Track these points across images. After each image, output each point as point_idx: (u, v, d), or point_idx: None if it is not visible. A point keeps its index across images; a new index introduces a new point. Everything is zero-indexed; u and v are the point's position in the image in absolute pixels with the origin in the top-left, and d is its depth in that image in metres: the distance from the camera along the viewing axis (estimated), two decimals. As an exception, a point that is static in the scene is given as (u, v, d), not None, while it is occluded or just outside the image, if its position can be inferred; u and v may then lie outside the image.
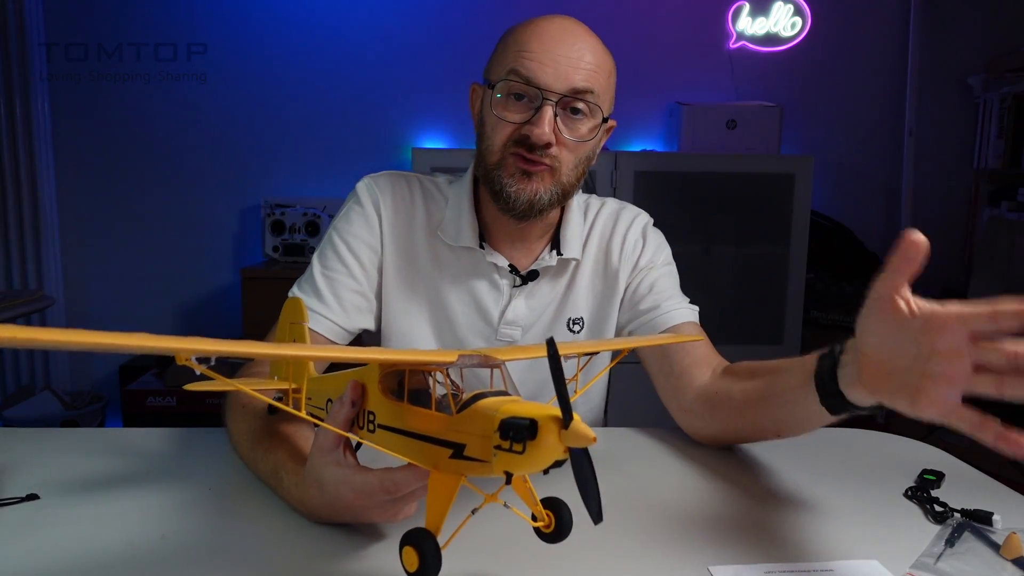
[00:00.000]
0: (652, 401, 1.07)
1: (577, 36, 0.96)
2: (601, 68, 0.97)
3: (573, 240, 1.09)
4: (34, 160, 2.81)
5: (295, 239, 2.77)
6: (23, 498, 0.79)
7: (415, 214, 1.08)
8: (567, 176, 0.99)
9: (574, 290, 1.10)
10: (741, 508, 0.81)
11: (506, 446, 0.50)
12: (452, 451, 0.54)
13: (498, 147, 0.98)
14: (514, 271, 1.07)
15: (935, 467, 0.91)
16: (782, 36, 3.02)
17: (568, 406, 0.48)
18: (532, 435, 0.49)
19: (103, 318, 3.00)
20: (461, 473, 0.55)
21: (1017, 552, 0.70)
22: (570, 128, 0.96)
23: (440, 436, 0.55)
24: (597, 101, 0.97)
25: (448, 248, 1.07)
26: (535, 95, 0.94)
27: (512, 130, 0.96)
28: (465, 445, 0.53)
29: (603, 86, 0.98)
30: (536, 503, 0.60)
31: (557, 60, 0.94)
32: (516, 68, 0.95)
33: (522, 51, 0.95)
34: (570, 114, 0.96)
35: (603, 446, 1.01)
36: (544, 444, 0.48)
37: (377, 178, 1.09)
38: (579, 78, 0.94)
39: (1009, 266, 2.56)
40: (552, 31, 0.96)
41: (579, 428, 0.47)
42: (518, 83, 0.95)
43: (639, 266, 1.11)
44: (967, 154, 3.08)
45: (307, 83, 2.93)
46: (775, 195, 2.65)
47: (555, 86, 0.94)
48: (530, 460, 0.49)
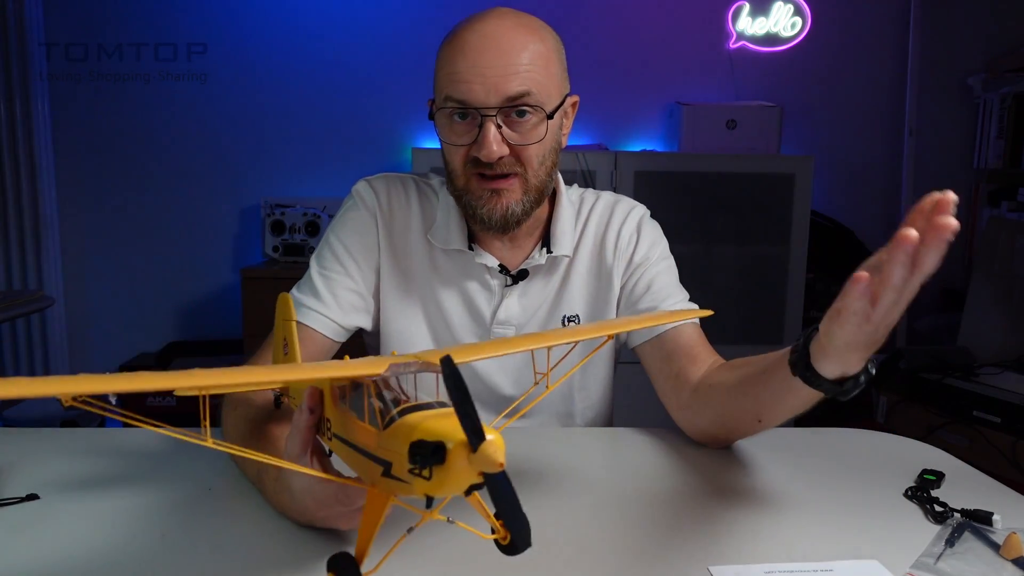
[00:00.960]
0: (653, 401, 1.07)
1: (502, 39, 0.93)
2: (535, 61, 0.94)
3: (563, 237, 1.08)
4: (34, 160, 2.81)
5: (295, 239, 2.77)
6: (23, 498, 0.79)
7: (411, 216, 1.09)
8: (536, 178, 0.98)
9: (569, 287, 1.10)
10: (741, 508, 0.81)
11: (415, 471, 0.46)
12: (382, 468, 0.50)
13: (459, 171, 0.98)
14: (504, 271, 1.07)
15: (935, 467, 0.91)
16: (782, 36, 3.02)
17: (476, 427, 0.43)
18: (440, 460, 0.45)
19: (103, 318, 3.00)
20: (391, 492, 0.52)
21: (1017, 552, 0.69)
22: (520, 133, 0.95)
23: (372, 451, 0.51)
24: (538, 100, 0.94)
25: (441, 250, 1.08)
26: (474, 115, 0.94)
27: (464, 152, 0.96)
28: (392, 463, 0.50)
29: (541, 79, 0.94)
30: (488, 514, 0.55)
31: (484, 74, 0.92)
32: (449, 94, 0.94)
33: (451, 73, 0.94)
34: (516, 118, 0.94)
35: (605, 446, 1.02)
36: (453, 469, 0.45)
37: (373, 180, 1.10)
38: (511, 85, 0.92)
39: (1009, 266, 2.56)
40: (474, 43, 0.93)
41: (487, 451, 0.43)
42: (456, 108, 0.94)
43: (634, 262, 1.11)
44: (967, 154, 3.08)
45: (307, 83, 2.93)
46: (775, 195, 2.65)
47: (489, 101, 0.92)
48: (441, 485, 0.46)
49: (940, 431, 2.22)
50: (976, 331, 2.58)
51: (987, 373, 2.32)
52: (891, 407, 2.41)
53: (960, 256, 3.12)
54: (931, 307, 3.09)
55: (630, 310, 1.10)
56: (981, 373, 2.32)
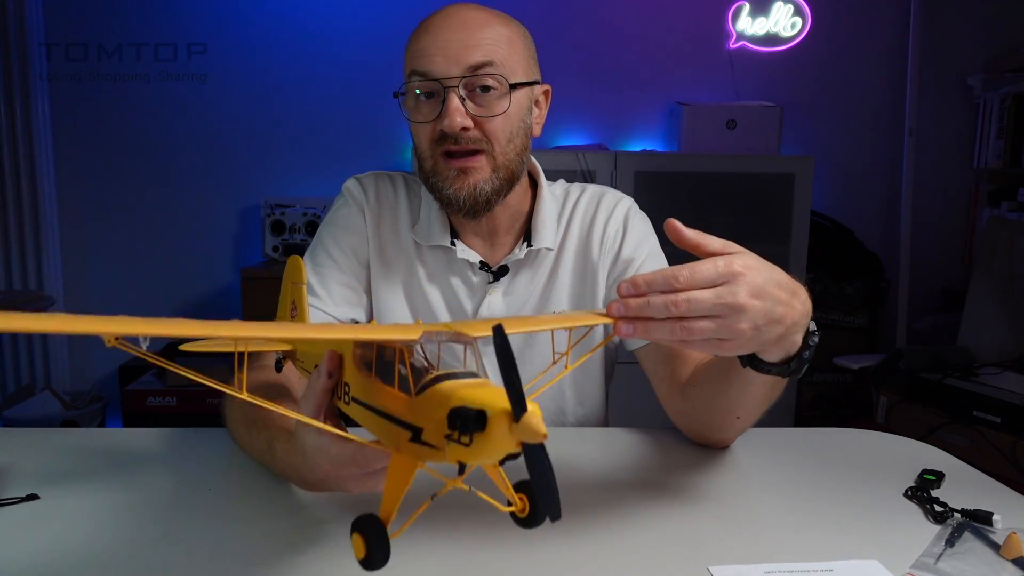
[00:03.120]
0: (652, 402, 1.07)
1: (464, 16, 0.97)
2: (499, 38, 0.97)
3: (544, 229, 1.08)
4: (34, 160, 2.81)
5: (295, 239, 2.77)
6: (23, 498, 0.79)
7: (399, 211, 1.10)
8: (503, 156, 0.98)
9: (556, 283, 1.10)
10: (741, 508, 0.81)
11: (455, 436, 0.47)
12: (411, 434, 0.51)
13: (427, 152, 0.99)
14: (485, 267, 1.08)
15: (935, 467, 0.91)
16: (782, 36, 3.02)
17: (520, 397, 0.44)
18: (480, 427, 0.45)
19: (103, 318, 3.00)
20: (419, 457, 0.52)
21: (1017, 552, 0.69)
22: (483, 106, 0.96)
23: (400, 417, 0.52)
24: (500, 71, 0.96)
25: (425, 246, 1.09)
26: (436, 88, 0.95)
27: (431, 130, 0.97)
28: (423, 429, 0.50)
29: (505, 54, 0.97)
30: (508, 487, 0.56)
31: (446, 46, 0.95)
32: (413, 68, 0.97)
33: (415, 50, 0.97)
34: (480, 92, 0.96)
35: (603, 446, 1.02)
36: (493, 437, 0.45)
37: (363, 178, 1.13)
38: (473, 55, 0.94)
39: (1009, 266, 2.56)
40: (438, 21, 0.98)
41: (531, 422, 0.44)
42: (419, 81, 0.96)
43: (621, 258, 1.10)
44: (967, 154, 3.08)
45: (307, 83, 2.93)
46: (775, 195, 2.65)
47: (451, 71, 0.94)
48: (479, 452, 0.46)
49: (940, 431, 2.22)
50: (976, 331, 2.57)
51: (987, 373, 2.32)
52: (891, 407, 2.41)
53: (960, 256, 3.12)
54: (931, 307, 3.09)
55: None
56: (981, 373, 2.32)
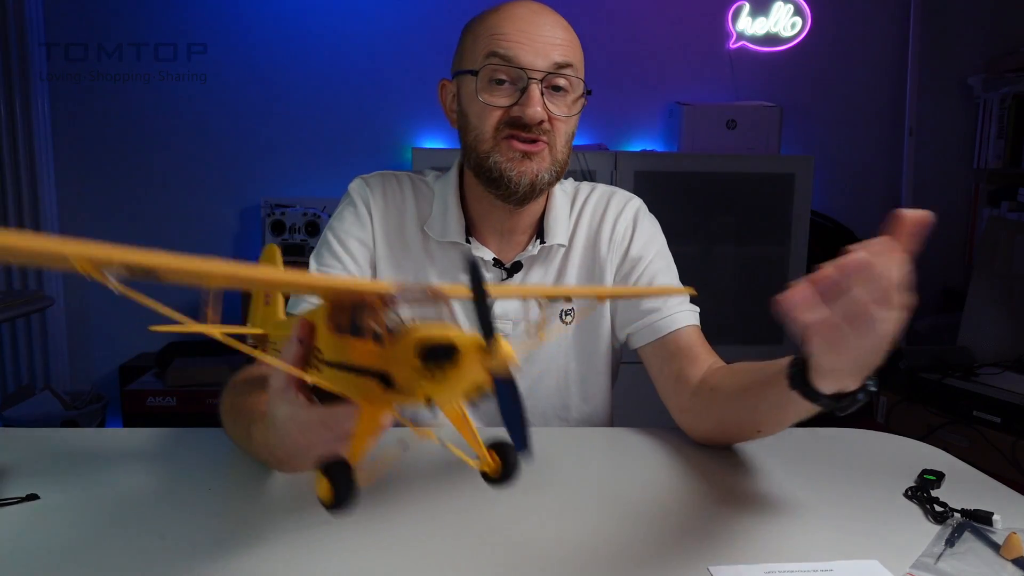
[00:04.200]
0: (653, 401, 1.07)
1: (547, 14, 0.99)
2: (574, 42, 0.99)
3: (557, 226, 1.09)
4: (34, 160, 2.80)
5: (295, 239, 2.77)
6: (23, 498, 0.79)
7: (405, 210, 1.10)
8: (561, 153, 1.01)
9: (564, 279, 1.11)
10: (741, 508, 0.81)
11: (426, 370, 0.47)
12: (381, 381, 0.51)
13: (489, 133, 0.98)
14: (499, 264, 1.08)
15: (935, 467, 0.91)
16: (782, 36, 3.02)
17: (491, 329, 0.44)
18: (450, 357, 0.46)
19: (103, 318, 3.00)
20: (388, 403, 0.52)
21: (1017, 552, 0.69)
22: (556, 104, 0.98)
23: (372, 367, 0.52)
24: (577, 74, 0.99)
25: (436, 243, 1.08)
26: (519, 76, 0.95)
27: (501, 114, 0.97)
28: (393, 374, 0.50)
29: (579, 58, 1.00)
30: (480, 444, 0.56)
31: (534, 39, 0.95)
32: (495, 51, 0.95)
33: (496, 35, 0.96)
34: (552, 91, 0.97)
35: (604, 446, 1.02)
36: (464, 367, 0.46)
37: (369, 178, 1.12)
38: (558, 53, 0.96)
39: (1009, 266, 2.56)
40: (522, 12, 0.98)
41: (501, 351, 0.44)
42: (501, 65, 0.95)
43: (629, 256, 1.11)
44: (967, 154, 3.08)
45: (307, 83, 2.93)
46: (775, 195, 2.65)
47: (537, 64, 0.95)
48: (450, 385, 0.47)
49: (940, 431, 2.22)
50: (976, 331, 2.57)
51: (987, 373, 2.32)
52: (891, 407, 2.41)
53: (960, 256, 3.12)
54: (931, 307, 3.09)
55: (631, 309, 1.09)
56: (981, 373, 2.32)
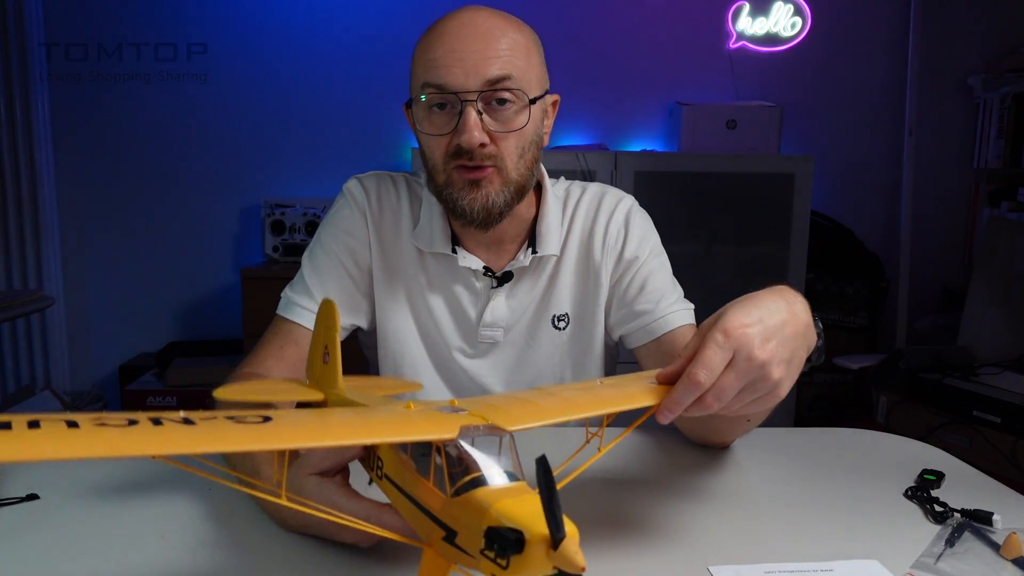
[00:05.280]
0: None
1: (480, 25, 0.93)
2: (516, 48, 0.94)
3: (549, 236, 1.07)
4: (34, 160, 2.80)
5: (295, 239, 2.77)
6: (23, 498, 0.79)
7: (400, 215, 1.08)
8: (515, 171, 0.96)
9: (557, 285, 1.09)
10: (741, 508, 0.81)
11: (491, 555, 0.46)
12: (445, 534, 0.51)
13: (440, 165, 0.96)
14: (489, 272, 1.06)
15: (935, 467, 0.91)
16: (782, 36, 3.02)
17: (559, 525, 0.43)
18: (518, 550, 0.44)
19: (103, 318, 3.00)
20: (451, 560, 0.51)
21: (1017, 552, 0.70)
22: (500, 121, 0.94)
23: (435, 514, 0.52)
24: (519, 84, 0.93)
25: (426, 252, 1.07)
26: (453, 100, 0.92)
27: (446, 143, 0.94)
28: (457, 533, 0.50)
29: (522, 66, 0.94)
30: None
31: (463, 58, 0.91)
32: (427, 80, 0.93)
33: (428, 60, 0.93)
34: (496, 106, 0.93)
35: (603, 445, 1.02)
36: (530, 561, 0.44)
37: (364, 178, 1.10)
38: (492, 68, 0.91)
39: (1009, 266, 2.56)
40: (452, 29, 0.93)
41: (568, 552, 0.42)
42: (433, 93, 0.93)
43: (624, 258, 1.09)
44: (967, 154, 3.07)
45: (307, 83, 2.93)
46: (775, 195, 2.65)
47: (468, 84, 0.91)
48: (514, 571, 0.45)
49: (940, 431, 2.22)
50: (976, 331, 2.57)
51: (987, 373, 2.32)
52: (891, 407, 2.41)
53: (960, 256, 3.12)
54: (931, 307, 3.09)
55: (624, 310, 1.08)
56: (981, 373, 2.32)
